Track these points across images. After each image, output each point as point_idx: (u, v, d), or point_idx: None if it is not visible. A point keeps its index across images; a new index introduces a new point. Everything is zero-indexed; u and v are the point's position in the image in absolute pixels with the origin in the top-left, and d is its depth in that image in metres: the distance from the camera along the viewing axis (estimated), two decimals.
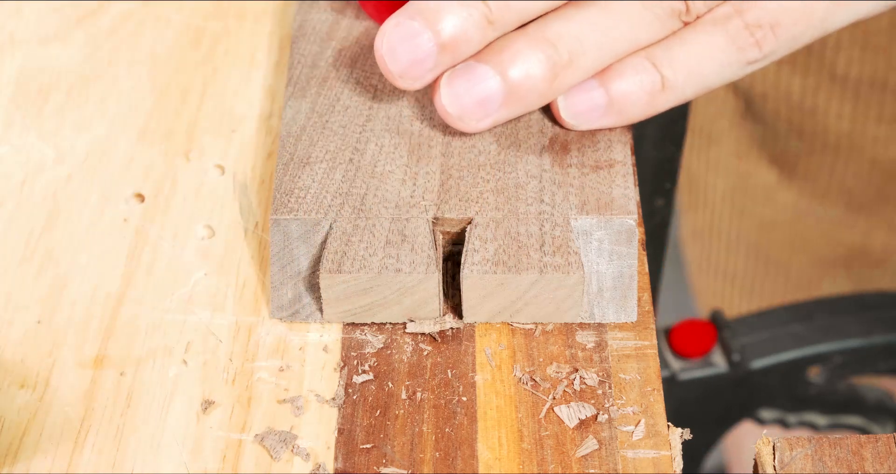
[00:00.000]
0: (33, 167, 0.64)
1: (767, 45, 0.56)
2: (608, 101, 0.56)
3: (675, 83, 0.56)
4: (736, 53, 0.56)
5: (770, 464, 0.52)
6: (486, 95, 0.55)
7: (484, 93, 0.55)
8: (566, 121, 0.57)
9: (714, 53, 0.56)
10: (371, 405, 0.55)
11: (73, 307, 0.58)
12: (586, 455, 0.53)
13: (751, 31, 0.55)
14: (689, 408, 0.91)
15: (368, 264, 0.55)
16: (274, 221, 0.57)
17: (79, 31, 0.70)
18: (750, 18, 0.55)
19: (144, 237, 0.61)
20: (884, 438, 0.53)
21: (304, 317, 0.57)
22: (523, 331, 0.57)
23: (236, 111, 0.66)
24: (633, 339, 0.57)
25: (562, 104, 0.57)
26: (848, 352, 0.91)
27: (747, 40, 0.56)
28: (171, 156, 0.64)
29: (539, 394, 0.55)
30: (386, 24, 0.54)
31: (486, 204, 0.57)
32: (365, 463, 0.53)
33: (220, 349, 0.57)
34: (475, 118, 0.56)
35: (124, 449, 0.54)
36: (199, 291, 0.59)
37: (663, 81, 0.56)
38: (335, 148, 0.59)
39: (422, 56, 0.54)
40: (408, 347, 0.57)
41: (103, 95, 0.67)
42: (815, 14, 0.56)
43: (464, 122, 0.56)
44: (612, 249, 0.56)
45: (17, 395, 0.55)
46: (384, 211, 0.57)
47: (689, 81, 0.56)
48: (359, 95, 0.61)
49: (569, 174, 0.58)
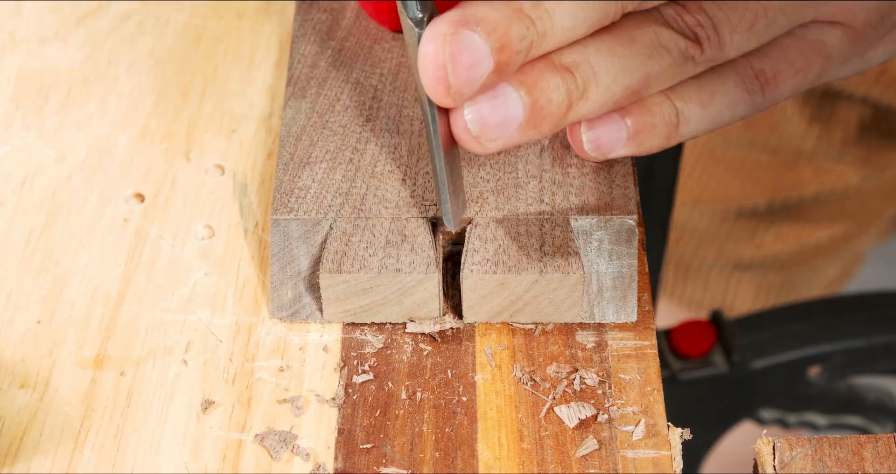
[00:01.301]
0: (33, 167, 0.64)
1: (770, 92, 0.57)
2: (630, 134, 0.56)
3: (691, 118, 0.56)
4: (744, 94, 0.56)
5: (770, 464, 0.52)
6: (508, 117, 0.53)
7: (507, 113, 0.53)
8: (588, 152, 0.57)
9: (727, 94, 0.56)
10: (371, 405, 0.55)
11: (73, 307, 0.58)
12: (586, 455, 0.53)
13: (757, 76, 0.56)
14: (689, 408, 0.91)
15: (368, 264, 0.55)
16: (274, 221, 0.57)
17: (79, 31, 0.70)
18: (756, 65, 0.57)
19: (144, 237, 0.61)
20: (884, 438, 0.53)
21: (304, 317, 0.57)
22: (523, 331, 0.57)
23: (236, 111, 0.66)
24: (633, 339, 0.57)
25: (586, 136, 0.56)
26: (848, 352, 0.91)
27: (754, 84, 0.56)
28: (171, 156, 0.64)
29: (539, 394, 0.55)
30: (441, 26, 0.50)
31: (486, 204, 0.57)
32: (365, 463, 0.53)
33: (220, 349, 0.57)
34: (490, 138, 0.53)
35: (124, 449, 0.54)
36: (199, 291, 0.59)
37: (679, 116, 0.56)
38: (335, 148, 0.59)
39: (479, 75, 0.51)
40: (408, 347, 0.57)
41: (103, 95, 0.67)
42: (812, 70, 0.57)
43: (478, 142, 0.53)
44: (612, 249, 0.56)
45: (17, 395, 0.55)
46: (384, 211, 0.57)
47: (703, 117, 0.56)
48: (359, 95, 0.61)
49: (569, 174, 0.58)
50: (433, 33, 0.50)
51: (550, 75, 0.52)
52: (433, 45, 0.50)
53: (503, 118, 0.52)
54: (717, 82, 0.56)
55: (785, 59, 0.56)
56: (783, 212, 1.19)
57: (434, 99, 0.51)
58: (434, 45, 0.50)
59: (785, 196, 1.18)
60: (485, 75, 0.50)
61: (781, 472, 0.52)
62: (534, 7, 0.50)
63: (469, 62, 0.50)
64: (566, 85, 0.53)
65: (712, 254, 1.23)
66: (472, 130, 0.53)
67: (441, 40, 0.50)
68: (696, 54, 0.55)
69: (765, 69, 0.56)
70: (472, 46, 0.50)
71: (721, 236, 1.22)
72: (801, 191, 1.17)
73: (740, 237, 1.22)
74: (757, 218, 1.20)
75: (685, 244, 1.23)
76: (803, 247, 1.22)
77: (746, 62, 0.56)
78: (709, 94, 0.56)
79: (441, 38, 0.50)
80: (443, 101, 0.51)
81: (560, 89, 0.52)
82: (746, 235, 1.21)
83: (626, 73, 0.54)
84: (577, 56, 0.53)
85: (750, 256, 1.23)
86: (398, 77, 0.62)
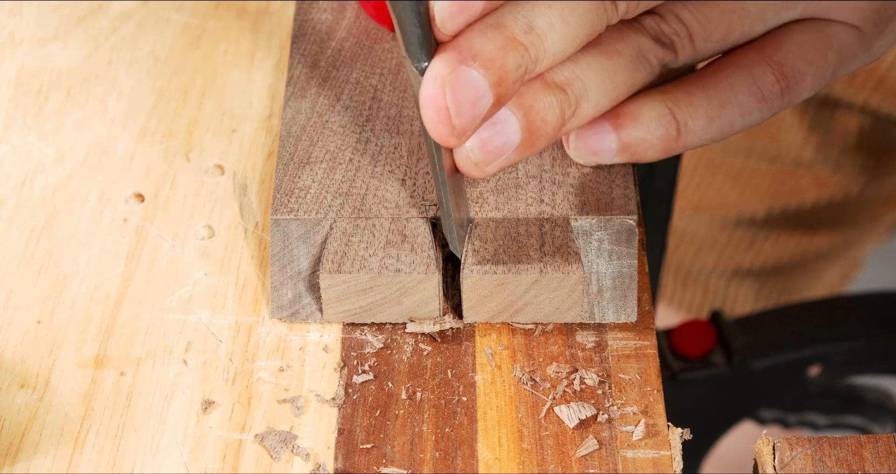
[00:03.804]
0: (33, 167, 0.64)
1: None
2: (620, 146, 0.56)
3: (695, 130, 0.56)
4: (759, 102, 0.56)
5: (770, 464, 0.52)
6: (506, 141, 0.52)
7: (506, 138, 0.52)
8: (576, 160, 0.57)
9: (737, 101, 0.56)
10: (371, 405, 0.55)
11: (73, 307, 0.58)
12: (586, 455, 0.53)
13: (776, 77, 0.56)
14: (689, 408, 0.91)
15: (368, 264, 0.55)
16: (274, 221, 0.57)
17: (79, 31, 0.70)
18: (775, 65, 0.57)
19: (144, 237, 0.61)
20: (884, 438, 0.53)
21: (304, 317, 0.57)
22: (523, 331, 0.57)
23: (236, 111, 0.66)
24: (633, 339, 0.57)
25: (574, 145, 0.56)
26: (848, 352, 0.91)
27: (773, 89, 0.56)
28: (171, 156, 0.64)
29: (539, 394, 0.55)
30: (439, 67, 0.50)
31: (486, 204, 0.57)
32: (365, 463, 0.53)
33: (220, 349, 0.57)
34: (488, 162, 0.53)
35: (124, 449, 0.54)
36: (199, 291, 0.59)
37: (681, 130, 0.56)
38: (335, 148, 0.59)
39: (480, 110, 0.50)
40: (408, 347, 0.57)
41: (103, 95, 0.67)
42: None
43: (479, 168, 0.53)
44: (612, 249, 0.56)
45: (18, 395, 0.55)
46: (384, 211, 0.57)
47: (709, 129, 0.56)
48: (359, 95, 0.61)
49: (569, 174, 0.58)
50: (432, 75, 0.49)
51: (544, 95, 0.52)
52: (433, 87, 0.49)
53: (502, 143, 0.52)
54: (728, 93, 0.55)
55: (803, 58, 0.56)
56: (782, 219, 1.19)
57: (438, 140, 0.51)
58: (434, 87, 0.49)
59: (784, 203, 1.18)
60: (486, 109, 0.50)
61: (781, 472, 0.52)
62: (526, 33, 0.50)
63: (471, 99, 0.49)
64: (560, 104, 0.53)
65: (711, 260, 1.24)
66: (472, 157, 0.52)
67: (441, 82, 0.49)
68: (671, 61, 0.56)
69: (785, 71, 0.56)
70: (472, 83, 0.49)
71: (720, 243, 1.22)
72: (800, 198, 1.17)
73: (739, 244, 1.22)
74: (756, 225, 1.20)
75: (684, 251, 1.23)
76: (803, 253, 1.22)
77: (766, 67, 0.56)
78: (718, 107, 0.55)
79: (440, 79, 0.49)
80: (448, 141, 0.50)
81: (554, 109, 0.52)
82: (745, 242, 1.22)
83: (613, 88, 0.54)
84: (568, 73, 0.53)
85: (749, 263, 1.23)
86: (398, 77, 0.62)
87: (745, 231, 1.20)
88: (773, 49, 0.56)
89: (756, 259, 1.23)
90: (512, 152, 0.53)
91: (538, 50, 0.50)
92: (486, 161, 0.52)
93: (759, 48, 0.56)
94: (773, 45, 0.56)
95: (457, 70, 0.49)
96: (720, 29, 0.55)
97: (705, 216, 1.20)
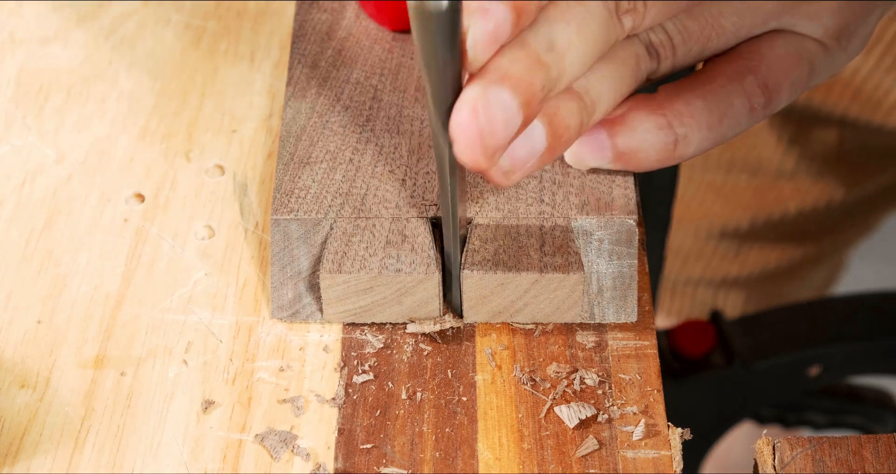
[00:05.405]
0: (33, 167, 0.64)
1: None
2: (615, 154, 0.56)
3: (694, 140, 0.56)
4: (749, 112, 0.57)
5: (770, 464, 0.52)
6: (533, 149, 0.53)
7: (533, 147, 0.53)
8: (574, 166, 0.58)
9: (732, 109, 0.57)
10: (371, 405, 0.55)
11: (73, 307, 0.58)
12: (586, 455, 0.53)
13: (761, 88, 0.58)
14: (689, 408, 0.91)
15: (369, 264, 0.55)
16: (274, 221, 0.57)
17: (79, 31, 0.70)
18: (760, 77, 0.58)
19: (144, 237, 0.61)
20: (884, 438, 0.53)
21: (304, 317, 0.57)
22: (523, 331, 0.57)
23: (236, 111, 0.66)
24: (633, 339, 0.57)
25: (570, 151, 0.57)
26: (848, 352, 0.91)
27: (759, 99, 0.57)
28: (171, 156, 0.64)
29: (539, 394, 0.55)
30: (471, 92, 0.49)
31: (486, 204, 0.57)
32: (365, 463, 0.53)
33: (220, 349, 0.57)
34: (515, 170, 0.53)
35: (124, 449, 0.54)
36: (199, 291, 0.59)
37: (679, 140, 0.56)
38: (335, 148, 0.59)
39: (512, 131, 0.50)
40: (408, 347, 0.57)
41: (103, 95, 0.67)
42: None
43: (507, 176, 0.53)
44: (612, 249, 0.56)
45: (18, 395, 0.55)
46: (384, 211, 0.57)
47: (707, 138, 0.57)
48: (359, 95, 0.61)
49: (569, 174, 0.58)
50: (464, 100, 0.49)
51: (565, 102, 0.53)
52: (466, 111, 0.49)
53: (529, 151, 0.53)
54: (726, 104, 0.56)
55: (782, 70, 0.57)
56: (767, 228, 1.19)
57: (470, 163, 0.50)
58: (467, 112, 0.49)
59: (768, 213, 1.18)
60: (516, 129, 0.50)
61: (781, 472, 0.52)
62: (548, 51, 0.50)
63: (503, 120, 0.49)
64: (580, 111, 0.53)
65: (698, 271, 1.24)
66: (502, 165, 0.52)
67: (472, 106, 0.49)
68: (654, 71, 0.57)
69: (768, 83, 0.57)
70: (503, 106, 0.49)
71: (706, 254, 1.23)
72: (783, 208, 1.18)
73: (725, 254, 1.22)
74: (740, 236, 1.21)
75: (670, 262, 1.24)
76: (790, 260, 1.23)
77: (753, 79, 0.57)
78: (717, 118, 0.56)
79: (471, 103, 0.49)
80: (478, 163, 0.50)
81: (575, 115, 0.53)
82: (731, 252, 1.22)
83: (619, 95, 0.55)
84: (583, 81, 0.54)
85: (736, 272, 1.24)
86: (398, 77, 0.62)
87: (731, 241, 1.21)
88: (757, 61, 0.57)
89: (743, 268, 1.23)
90: (537, 159, 0.53)
91: (560, 67, 0.51)
92: (513, 169, 0.53)
93: (745, 59, 0.57)
94: (756, 57, 0.57)
95: (488, 92, 0.49)
96: (699, 43, 0.57)
97: (690, 228, 1.21)
